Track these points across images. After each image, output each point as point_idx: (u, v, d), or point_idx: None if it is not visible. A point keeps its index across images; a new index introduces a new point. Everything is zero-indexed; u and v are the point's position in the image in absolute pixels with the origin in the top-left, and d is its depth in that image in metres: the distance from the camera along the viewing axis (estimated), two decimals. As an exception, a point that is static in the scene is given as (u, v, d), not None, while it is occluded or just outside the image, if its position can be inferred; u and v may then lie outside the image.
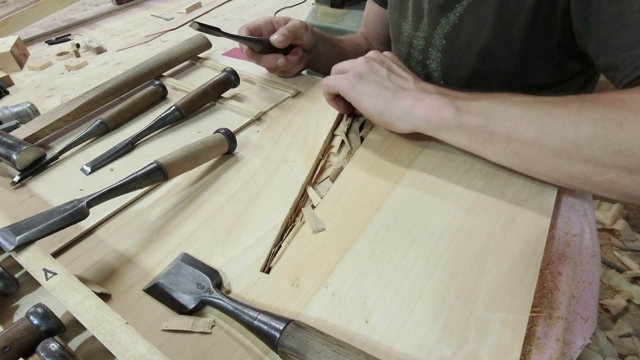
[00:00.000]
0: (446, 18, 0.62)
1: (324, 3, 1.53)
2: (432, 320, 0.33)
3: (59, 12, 1.52)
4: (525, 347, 0.32)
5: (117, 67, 0.96)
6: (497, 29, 0.58)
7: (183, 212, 0.45)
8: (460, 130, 0.42)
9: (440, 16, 0.63)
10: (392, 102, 0.45)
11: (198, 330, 0.34)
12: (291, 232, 0.42)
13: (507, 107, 0.40)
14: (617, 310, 1.06)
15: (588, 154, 0.35)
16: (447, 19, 0.62)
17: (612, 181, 0.35)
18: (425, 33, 0.67)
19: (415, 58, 0.72)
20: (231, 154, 0.53)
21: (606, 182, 0.36)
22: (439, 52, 0.66)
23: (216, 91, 0.62)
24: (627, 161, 0.33)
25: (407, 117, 0.44)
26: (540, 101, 0.39)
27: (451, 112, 0.42)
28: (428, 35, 0.67)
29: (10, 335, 0.31)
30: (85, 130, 0.57)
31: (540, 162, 0.39)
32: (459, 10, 0.61)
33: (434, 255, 0.38)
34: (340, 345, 0.29)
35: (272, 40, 0.61)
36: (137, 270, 0.39)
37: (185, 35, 0.97)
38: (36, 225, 0.37)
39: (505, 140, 0.39)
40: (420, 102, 0.44)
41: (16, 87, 0.94)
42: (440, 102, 0.43)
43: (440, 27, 0.64)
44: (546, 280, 0.37)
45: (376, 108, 0.46)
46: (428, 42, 0.67)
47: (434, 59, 0.68)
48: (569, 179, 0.38)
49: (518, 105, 0.39)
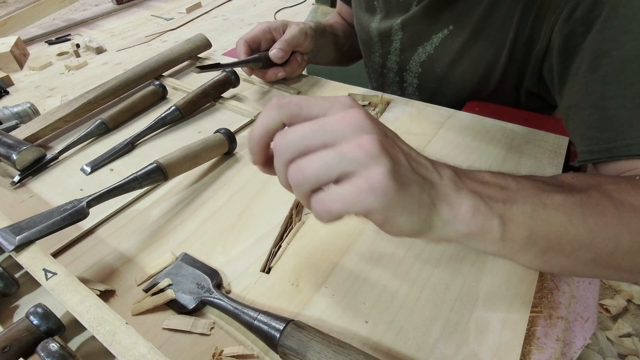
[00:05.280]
0: (423, 47, 0.63)
1: (324, 3, 1.53)
2: (432, 320, 0.33)
3: (59, 12, 1.52)
4: (525, 347, 0.32)
5: (117, 67, 0.96)
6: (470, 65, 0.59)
7: (183, 212, 0.45)
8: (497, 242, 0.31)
9: (417, 44, 0.63)
10: (432, 211, 0.29)
11: (198, 331, 0.34)
12: (291, 232, 0.42)
13: (549, 214, 0.32)
14: (617, 310, 1.06)
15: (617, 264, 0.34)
16: (423, 48, 0.63)
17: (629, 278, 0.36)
18: (398, 57, 0.67)
19: (390, 78, 0.72)
20: (231, 154, 0.53)
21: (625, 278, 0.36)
22: (416, 78, 0.67)
23: (216, 91, 0.62)
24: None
25: (444, 228, 0.30)
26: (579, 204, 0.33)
27: (495, 225, 0.30)
28: (401, 60, 0.67)
29: (10, 335, 0.31)
30: (85, 130, 0.57)
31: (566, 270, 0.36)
32: (435, 40, 0.61)
33: (434, 255, 0.38)
34: (340, 345, 0.29)
35: (271, 56, 0.61)
36: (137, 270, 0.39)
37: (185, 35, 0.97)
38: (36, 225, 0.37)
39: (541, 251, 0.33)
40: (458, 208, 0.30)
41: (16, 87, 0.94)
42: (483, 210, 0.30)
43: (417, 55, 0.64)
44: (546, 280, 0.37)
45: (415, 226, 0.29)
46: (402, 67, 0.68)
47: (410, 84, 0.68)
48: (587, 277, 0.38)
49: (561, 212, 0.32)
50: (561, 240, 0.32)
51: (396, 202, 0.27)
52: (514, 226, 0.31)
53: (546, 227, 0.32)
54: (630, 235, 0.33)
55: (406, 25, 0.63)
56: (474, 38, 0.57)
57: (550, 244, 0.32)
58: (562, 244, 0.32)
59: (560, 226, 0.32)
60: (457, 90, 0.63)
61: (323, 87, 0.66)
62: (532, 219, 0.32)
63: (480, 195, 0.31)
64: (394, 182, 0.26)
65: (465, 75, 0.60)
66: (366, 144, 0.26)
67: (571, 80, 0.46)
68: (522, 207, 0.32)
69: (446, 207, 0.30)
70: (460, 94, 0.63)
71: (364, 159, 0.26)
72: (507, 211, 0.31)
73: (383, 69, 0.72)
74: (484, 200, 0.31)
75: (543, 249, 0.33)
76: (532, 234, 0.32)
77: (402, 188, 0.27)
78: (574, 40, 0.45)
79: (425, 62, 0.63)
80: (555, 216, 0.32)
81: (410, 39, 0.64)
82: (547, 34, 0.49)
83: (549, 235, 0.32)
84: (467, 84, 0.61)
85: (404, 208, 0.28)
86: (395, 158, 0.28)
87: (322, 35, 0.71)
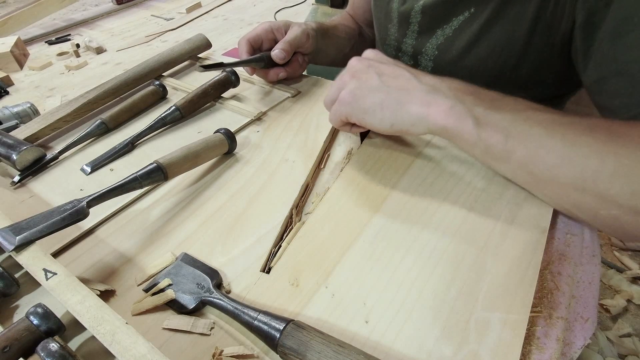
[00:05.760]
0: (442, 29, 0.62)
1: (324, 3, 1.53)
2: (432, 320, 0.33)
3: (59, 12, 1.52)
4: (525, 347, 0.32)
5: (117, 67, 0.96)
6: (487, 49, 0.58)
7: (183, 212, 0.45)
8: (477, 143, 0.38)
9: (436, 26, 0.63)
10: (400, 110, 0.40)
11: (198, 331, 0.34)
12: (291, 232, 0.42)
13: (530, 126, 0.36)
14: (617, 310, 1.06)
15: (604, 190, 0.34)
16: (442, 31, 0.62)
17: (616, 217, 0.35)
18: (414, 40, 0.67)
19: (404, 62, 0.71)
20: (231, 154, 0.53)
21: (610, 217, 0.35)
22: (431, 61, 0.66)
23: (216, 91, 0.62)
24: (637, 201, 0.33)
25: (421, 123, 0.39)
26: (566, 123, 0.36)
27: (470, 124, 0.37)
28: (417, 43, 0.66)
29: (10, 335, 0.31)
30: (85, 130, 0.57)
31: (552, 189, 0.37)
32: (455, 23, 0.60)
33: (434, 255, 0.38)
34: (340, 345, 0.29)
35: (273, 57, 0.61)
36: (137, 270, 0.39)
37: (185, 35, 0.97)
38: (36, 225, 0.37)
39: (523, 162, 0.37)
40: (433, 106, 0.39)
41: (16, 87, 0.94)
42: (458, 110, 0.38)
43: (435, 38, 0.63)
44: (546, 280, 0.37)
45: (384, 121, 0.41)
46: (417, 50, 0.67)
47: (424, 67, 0.68)
48: (576, 209, 0.37)
49: (542, 126, 0.36)
50: (539, 151, 0.36)
51: (358, 106, 0.42)
52: (490, 129, 0.37)
53: (523, 136, 0.37)
54: (617, 160, 0.33)
55: (427, 9, 0.62)
56: (493, 20, 0.56)
57: (529, 154, 0.36)
58: (541, 156, 0.36)
59: (537, 137, 0.36)
60: (472, 75, 0.61)
61: (323, 87, 0.66)
62: (511, 126, 0.37)
63: (462, 100, 0.39)
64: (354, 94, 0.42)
65: (482, 59, 0.59)
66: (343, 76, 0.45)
67: (594, 54, 0.45)
68: (502, 115, 0.37)
69: (416, 106, 0.39)
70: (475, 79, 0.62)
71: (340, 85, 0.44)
72: (487, 116, 0.38)
73: (397, 53, 0.71)
74: (463, 103, 0.38)
75: (523, 160, 0.37)
76: (509, 140, 0.37)
77: (357, 99, 0.42)
78: (596, 16, 0.45)
79: (442, 45, 0.62)
80: (533, 128, 0.36)
81: (430, 22, 0.63)
82: (571, 14, 0.48)
83: (526, 144, 0.36)
84: (482, 68, 0.60)
85: (365, 110, 0.42)
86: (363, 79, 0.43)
87: (324, 36, 0.71)
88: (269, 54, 0.61)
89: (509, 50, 0.57)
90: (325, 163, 0.50)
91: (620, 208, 0.34)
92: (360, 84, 0.42)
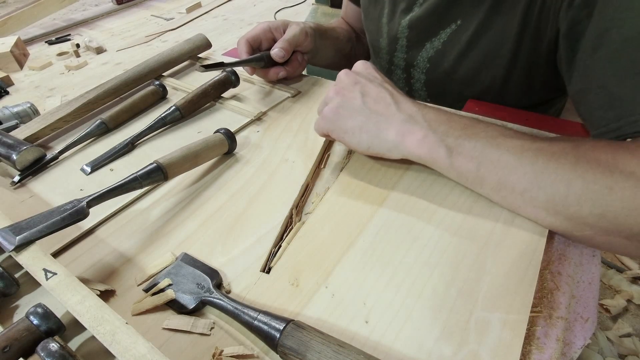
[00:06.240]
0: (431, 43, 0.63)
1: (324, 3, 1.53)
2: (432, 320, 0.33)
3: (59, 12, 1.51)
4: (525, 347, 0.32)
5: (117, 67, 0.96)
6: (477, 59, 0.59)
7: (183, 212, 0.45)
8: (449, 170, 0.41)
9: (425, 40, 0.63)
10: (377, 136, 0.42)
11: (198, 331, 0.34)
12: (291, 232, 0.42)
13: (501, 153, 0.38)
14: (617, 310, 1.06)
15: (574, 212, 0.35)
16: (431, 44, 0.63)
17: (589, 238, 0.36)
18: (405, 54, 0.68)
19: (397, 75, 0.72)
20: (231, 154, 0.53)
21: (585, 237, 0.37)
22: (423, 74, 0.67)
23: (216, 91, 0.62)
24: (607, 223, 0.34)
25: (396, 150, 0.42)
26: (535, 149, 0.37)
27: (442, 153, 0.40)
28: (408, 56, 0.67)
29: (10, 335, 0.31)
30: (85, 130, 0.57)
31: (525, 212, 0.39)
32: (443, 36, 0.61)
33: (434, 255, 0.38)
34: (340, 345, 0.29)
35: (272, 56, 0.61)
36: (137, 270, 0.39)
37: (185, 35, 0.97)
38: (36, 225, 0.37)
39: (495, 187, 0.39)
40: (408, 136, 0.41)
41: (16, 87, 0.94)
42: (430, 140, 0.40)
43: (425, 51, 0.64)
44: (546, 280, 0.37)
45: (361, 144, 0.43)
46: (409, 63, 0.68)
47: (417, 79, 0.68)
48: (553, 229, 0.39)
49: (512, 153, 0.37)
50: (510, 178, 0.38)
51: (339, 126, 0.44)
52: (462, 157, 0.39)
53: (493, 164, 0.38)
54: (584, 184, 0.34)
55: (413, 24, 0.63)
56: (482, 31, 0.57)
57: (500, 180, 0.38)
58: (511, 182, 0.38)
59: (507, 164, 0.37)
60: (464, 85, 0.63)
61: (323, 86, 0.66)
62: (482, 154, 0.38)
63: (435, 129, 0.40)
64: (337, 113, 0.44)
65: (473, 69, 0.60)
66: (329, 92, 0.46)
67: (578, 64, 0.46)
68: (474, 144, 0.39)
69: (393, 133, 0.41)
70: (468, 89, 0.63)
71: (325, 100, 0.46)
72: (459, 146, 0.39)
73: (390, 66, 0.72)
74: (436, 133, 0.40)
75: (495, 186, 0.39)
76: (480, 168, 0.39)
77: (339, 117, 0.43)
78: (578, 26, 0.45)
79: (433, 58, 0.63)
80: (503, 155, 0.38)
81: (418, 35, 0.64)
82: (554, 23, 0.49)
83: (497, 172, 0.38)
84: (474, 79, 0.61)
85: (345, 131, 0.43)
86: (347, 98, 0.44)
87: (322, 36, 0.71)
88: (268, 53, 0.61)
89: (499, 60, 0.58)
90: (325, 163, 0.50)
91: (592, 229, 0.35)
92: (344, 103, 0.44)
